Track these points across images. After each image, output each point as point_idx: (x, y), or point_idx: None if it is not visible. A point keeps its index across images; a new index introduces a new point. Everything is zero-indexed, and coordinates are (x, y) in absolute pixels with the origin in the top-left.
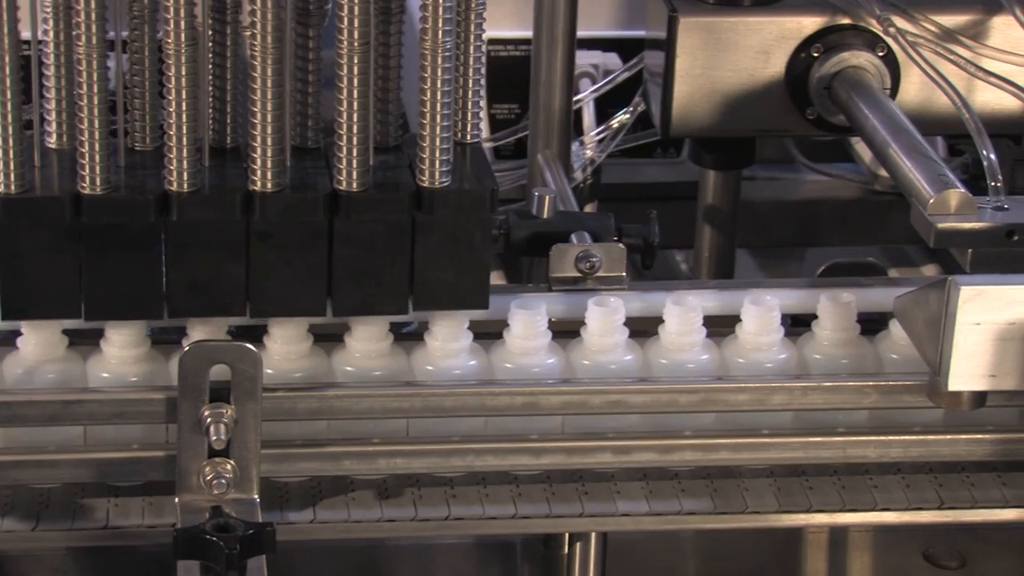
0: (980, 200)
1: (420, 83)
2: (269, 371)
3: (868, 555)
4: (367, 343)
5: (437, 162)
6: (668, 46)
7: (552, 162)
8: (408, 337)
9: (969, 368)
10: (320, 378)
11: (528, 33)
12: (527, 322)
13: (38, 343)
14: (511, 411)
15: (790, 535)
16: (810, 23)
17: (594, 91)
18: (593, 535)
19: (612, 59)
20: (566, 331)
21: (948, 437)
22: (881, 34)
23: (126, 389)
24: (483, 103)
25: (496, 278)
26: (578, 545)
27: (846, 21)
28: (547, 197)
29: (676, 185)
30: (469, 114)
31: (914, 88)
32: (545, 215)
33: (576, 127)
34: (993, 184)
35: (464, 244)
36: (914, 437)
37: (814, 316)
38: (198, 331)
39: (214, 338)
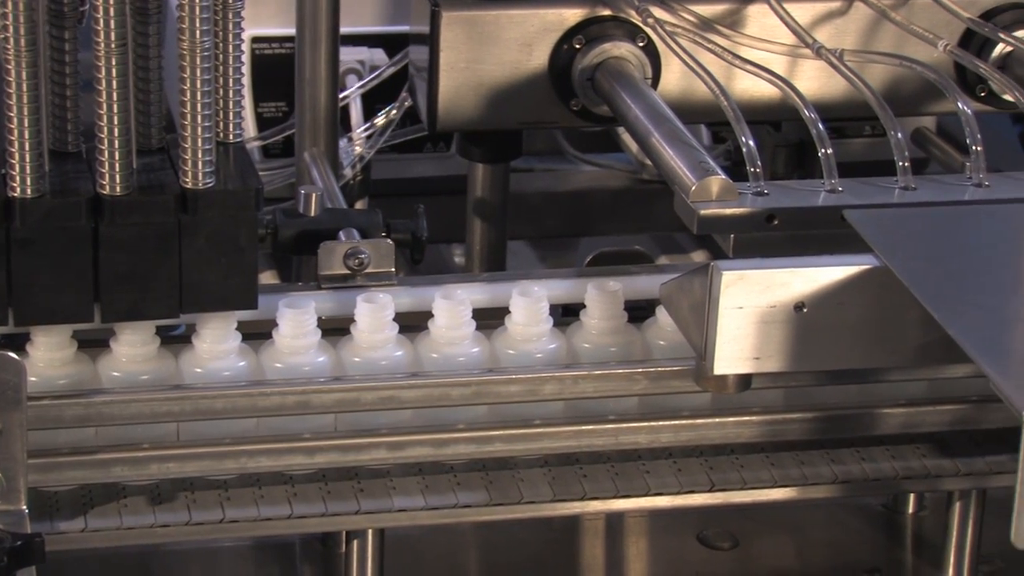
0: (741, 186)
1: (179, 84)
2: (33, 379)
3: (644, 540)
4: (133, 347)
5: (200, 163)
6: (431, 41)
7: (319, 160)
8: (176, 340)
9: (733, 352)
10: (86, 384)
11: (293, 31)
12: (295, 321)
13: None
14: (283, 411)
15: (567, 523)
16: (571, 15)
17: (360, 87)
18: (370, 532)
19: (378, 55)
20: (337, 329)
21: (716, 420)
22: (641, 25)
23: None
24: (245, 102)
25: (270, 278)
26: (355, 542)
27: (606, 13)
28: (314, 195)
29: (447, 179)
30: (231, 113)
31: (675, 77)
32: (312, 213)
33: (344, 124)
34: (753, 170)
35: (230, 244)
36: (684, 421)
37: (583, 306)
38: None
39: None
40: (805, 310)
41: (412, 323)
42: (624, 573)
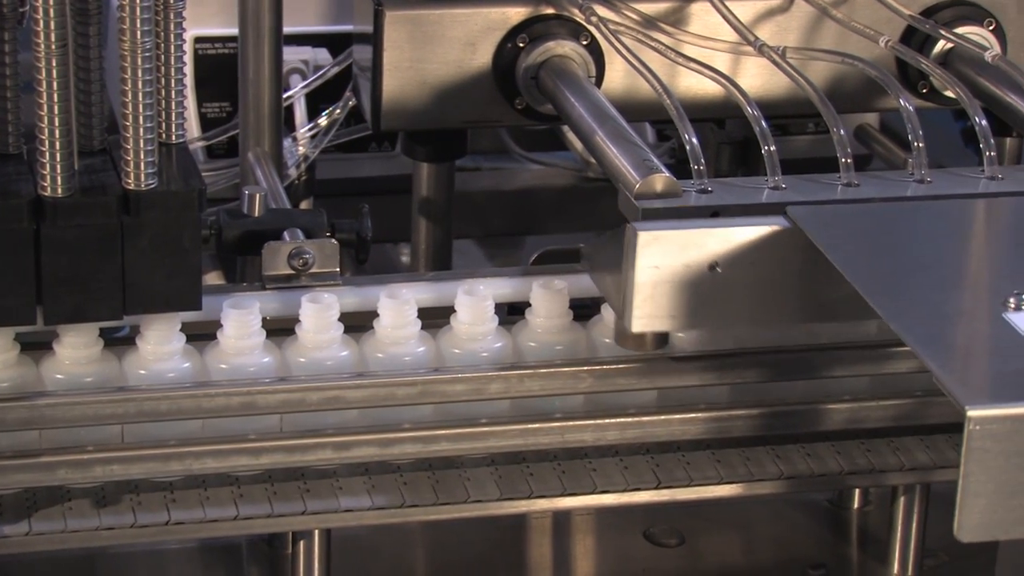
0: (685, 183)
1: (121, 84)
2: None
3: (591, 538)
4: (76, 350)
5: (142, 164)
6: (375, 40)
7: (263, 160)
8: (120, 342)
9: (650, 310)
10: (29, 387)
11: (236, 30)
12: (240, 322)
13: None
14: (228, 412)
15: (515, 521)
16: (515, 14)
17: (304, 87)
18: (316, 532)
19: (322, 54)
20: (282, 329)
21: (662, 418)
22: (584, 23)
23: None
24: (188, 102)
25: (215, 278)
26: (302, 543)
27: (550, 11)
28: (257, 195)
29: (392, 179)
30: (173, 114)
31: (619, 76)
32: (256, 213)
33: (288, 124)
34: (696, 167)
35: (174, 245)
36: (630, 419)
37: (528, 304)
38: None
39: None
40: (719, 269)
41: (357, 323)
42: (571, 571)
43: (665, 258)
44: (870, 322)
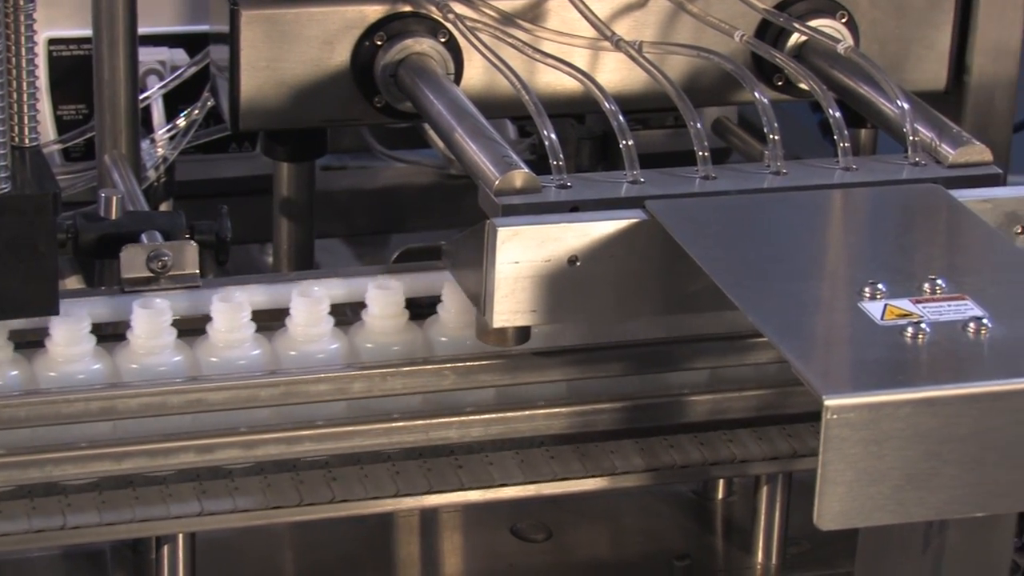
0: (544, 179)
1: None
2: None
3: (458, 534)
4: None
5: None
6: (232, 40)
7: (120, 162)
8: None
9: (511, 305)
10: None
11: (91, 32)
12: (69, 330)
13: None
14: (88, 416)
15: (382, 520)
16: (372, 11)
17: (161, 88)
18: (180, 536)
19: (179, 55)
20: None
21: (527, 413)
22: (442, 20)
23: None
24: (42, 105)
25: (76, 282)
26: (165, 547)
27: (407, 9)
28: (114, 197)
29: (254, 179)
30: (26, 117)
31: (477, 72)
32: (113, 216)
33: (146, 125)
34: (555, 163)
35: (29, 250)
36: (494, 415)
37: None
38: None
39: None
40: (579, 263)
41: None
42: (439, 568)
43: (525, 253)
44: (730, 313)
